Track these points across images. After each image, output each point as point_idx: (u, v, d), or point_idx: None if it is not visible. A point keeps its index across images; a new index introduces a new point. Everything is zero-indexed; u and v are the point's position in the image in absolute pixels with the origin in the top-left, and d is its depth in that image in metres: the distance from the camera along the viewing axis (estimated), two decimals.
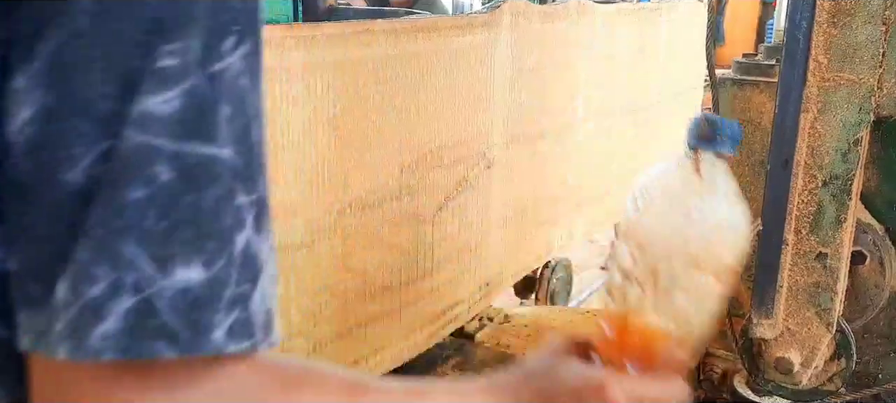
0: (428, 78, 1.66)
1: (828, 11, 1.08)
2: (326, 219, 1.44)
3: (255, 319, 0.47)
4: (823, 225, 1.15)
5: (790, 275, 1.19)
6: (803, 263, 1.19)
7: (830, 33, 1.09)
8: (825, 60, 1.10)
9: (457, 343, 2.16)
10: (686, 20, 3.08)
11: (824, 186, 1.14)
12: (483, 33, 1.83)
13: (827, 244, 1.17)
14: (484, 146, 1.92)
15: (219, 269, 0.45)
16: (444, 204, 1.79)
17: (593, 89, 2.44)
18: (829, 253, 1.17)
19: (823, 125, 1.13)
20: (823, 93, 1.11)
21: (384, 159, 1.56)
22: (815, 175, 1.15)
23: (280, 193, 1.33)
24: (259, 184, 0.52)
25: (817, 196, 1.15)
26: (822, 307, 1.19)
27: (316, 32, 1.34)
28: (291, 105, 1.31)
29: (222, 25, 0.44)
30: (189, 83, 0.43)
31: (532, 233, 2.27)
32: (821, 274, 1.18)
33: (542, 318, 2.45)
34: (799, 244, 1.18)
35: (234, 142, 0.46)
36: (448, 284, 1.88)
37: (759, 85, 1.37)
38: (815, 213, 1.16)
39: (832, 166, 1.13)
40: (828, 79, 1.11)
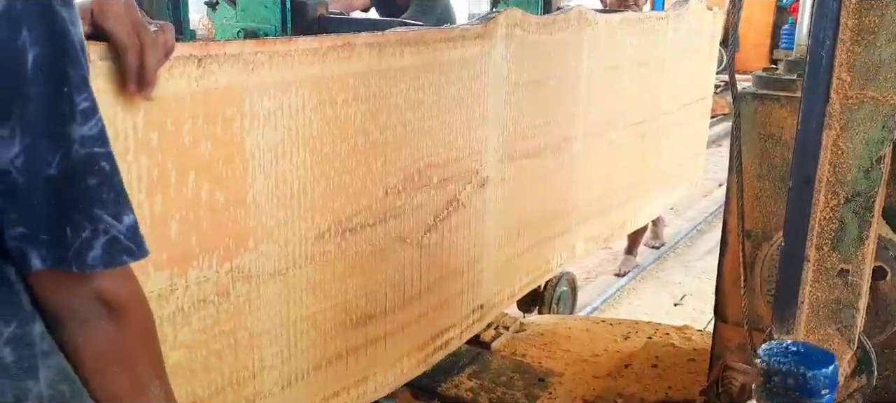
0: (416, 93, 1.56)
1: (851, 29, 1.07)
2: (303, 246, 1.36)
3: None
4: (845, 241, 1.14)
5: (811, 292, 1.18)
6: (825, 279, 1.17)
7: (854, 51, 1.07)
8: (848, 78, 1.09)
9: (473, 351, 2.18)
10: (694, 29, 2.97)
11: (847, 203, 1.13)
12: (476, 46, 1.74)
13: (849, 260, 1.15)
14: (477, 164, 1.82)
15: (134, 211, 0.79)
16: (433, 226, 1.70)
17: (595, 102, 2.35)
18: (850, 270, 1.15)
19: (846, 142, 1.11)
20: (846, 110, 1.10)
21: (367, 181, 1.47)
22: (838, 192, 1.13)
23: (250, 220, 1.24)
24: None
25: (839, 213, 1.14)
26: (843, 323, 1.17)
27: (290, 47, 1.25)
28: (262, 125, 1.23)
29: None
30: (99, 114, 0.75)
31: (530, 252, 2.18)
32: (842, 290, 1.16)
33: (558, 327, 2.45)
34: (821, 260, 1.16)
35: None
36: (438, 309, 1.78)
37: (781, 99, 1.38)
38: (837, 230, 1.15)
39: (855, 183, 1.12)
40: (851, 96, 1.09)
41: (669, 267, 5.38)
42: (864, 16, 1.06)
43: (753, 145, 1.45)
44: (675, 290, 4.86)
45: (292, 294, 1.35)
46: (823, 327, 1.19)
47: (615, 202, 2.65)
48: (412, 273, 1.67)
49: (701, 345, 2.27)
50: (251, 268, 1.26)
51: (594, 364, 2.19)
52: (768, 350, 0.98)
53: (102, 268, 0.75)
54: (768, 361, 0.93)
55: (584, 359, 2.22)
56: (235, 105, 1.18)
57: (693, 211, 6.71)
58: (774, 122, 1.40)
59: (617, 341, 2.35)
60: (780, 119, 1.40)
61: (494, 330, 2.26)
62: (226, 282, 1.22)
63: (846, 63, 1.08)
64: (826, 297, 1.18)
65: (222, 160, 1.17)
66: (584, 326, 2.49)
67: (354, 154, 1.43)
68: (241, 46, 1.17)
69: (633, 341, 2.35)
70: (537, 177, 2.11)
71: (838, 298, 1.17)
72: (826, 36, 1.08)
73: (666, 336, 2.39)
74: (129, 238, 0.77)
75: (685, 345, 2.31)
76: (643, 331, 2.42)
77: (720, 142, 9.98)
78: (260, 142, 1.23)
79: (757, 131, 1.43)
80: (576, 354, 2.25)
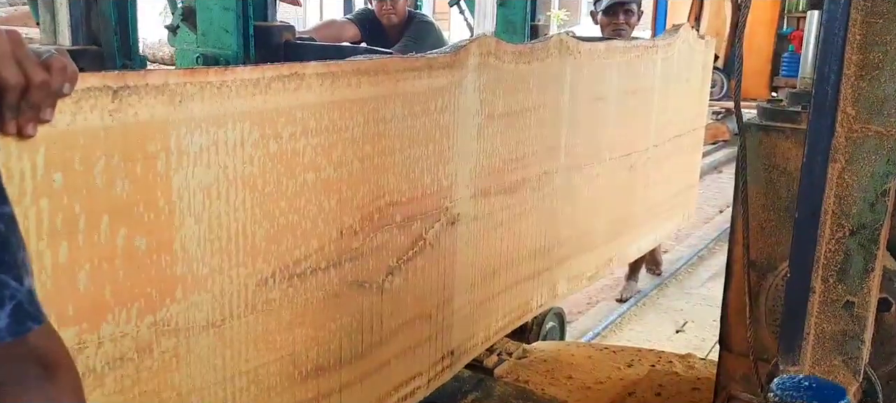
0: (375, 126, 1.45)
1: (856, 64, 1.09)
2: (242, 294, 1.24)
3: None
4: (851, 273, 1.15)
5: (817, 323, 1.19)
6: (830, 311, 1.18)
7: (859, 85, 1.09)
8: (853, 112, 1.10)
9: (476, 378, 2.17)
10: (685, 58, 2.87)
11: (852, 235, 1.14)
12: (445, 76, 1.62)
13: (854, 292, 1.16)
14: (446, 201, 1.71)
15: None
16: (396, 268, 1.58)
17: (579, 133, 2.23)
18: (856, 302, 1.16)
19: (851, 175, 1.13)
20: (852, 144, 1.12)
21: (318, 221, 1.36)
22: (843, 224, 1.15)
23: (178, 267, 1.12)
24: None
25: (845, 245, 1.15)
26: (849, 355, 1.18)
27: (225, 78, 1.14)
28: (192, 163, 1.11)
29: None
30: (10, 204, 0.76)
31: (507, 293, 2.05)
32: (848, 322, 1.17)
33: (561, 353, 2.43)
34: (826, 292, 1.18)
35: None
36: (402, 357, 1.66)
37: (786, 131, 1.40)
38: (842, 262, 1.16)
39: (860, 216, 1.13)
40: (856, 130, 1.11)
41: (671, 293, 5.35)
42: (868, 51, 1.06)
43: (758, 176, 1.46)
44: (677, 317, 4.85)
45: (229, 347, 1.23)
46: (829, 358, 1.19)
47: (601, 238, 2.53)
48: (372, 319, 1.54)
49: (704, 374, 2.25)
50: (179, 321, 1.14)
51: (598, 392, 2.17)
52: (781, 384, 1.00)
53: (11, 339, 0.73)
54: (781, 395, 0.96)
55: (588, 386, 2.20)
56: (159, 141, 1.06)
57: (694, 238, 6.68)
58: (779, 154, 1.42)
59: (620, 368, 2.33)
60: (785, 150, 1.40)
61: (497, 356, 2.27)
62: (148, 337, 1.09)
63: (851, 97, 1.09)
64: (832, 329, 1.18)
65: (143, 202, 1.05)
66: (587, 353, 2.47)
67: (303, 192, 1.32)
68: (166, 77, 1.06)
69: (637, 369, 2.32)
70: (514, 214, 2.00)
71: (844, 330, 1.17)
72: (831, 70, 1.09)
73: (669, 364, 2.37)
74: (30, 303, 0.75)
75: (688, 374, 2.28)
76: (646, 359, 2.40)
77: (721, 169, 9.92)
78: (189, 181, 1.11)
79: (762, 162, 1.44)
80: (579, 381, 2.23)
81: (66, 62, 0.86)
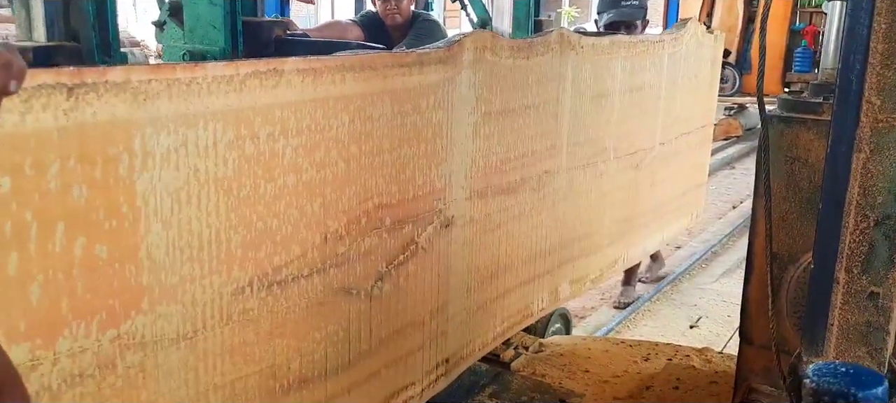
0: (362, 125, 1.38)
1: (881, 53, 1.07)
2: (216, 304, 1.16)
3: None
4: (875, 264, 1.14)
5: (841, 314, 1.18)
6: (855, 302, 1.17)
7: (884, 75, 1.08)
8: (878, 101, 1.09)
9: (492, 371, 2.18)
10: (693, 53, 2.78)
11: (877, 226, 1.13)
12: (437, 72, 1.55)
13: (879, 283, 1.15)
14: (440, 202, 1.63)
15: None
16: (386, 274, 1.51)
17: (581, 131, 2.15)
18: (881, 293, 1.15)
19: (876, 165, 1.12)
20: (876, 133, 1.10)
21: (300, 226, 1.28)
22: (868, 215, 1.13)
23: (144, 277, 1.05)
24: None
25: (869, 235, 1.14)
26: (874, 346, 1.17)
27: (195, 74, 1.06)
28: (159, 165, 1.04)
29: None
30: None
31: (506, 297, 1.98)
32: (873, 313, 1.16)
33: (577, 347, 2.43)
34: (850, 283, 1.17)
35: None
36: (394, 366, 1.59)
37: (807, 122, 1.41)
38: (867, 253, 1.14)
39: (885, 206, 1.13)
40: (881, 120, 1.10)
41: (685, 289, 5.35)
42: (893, 41, 1.05)
43: (779, 168, 1.46)
44: (691, 312, 4.87)
45: (203, 360, 1.16)
46: (853, 349, 1.18)
47: (605, 239, 2.45)
48: (360, 327, 1.47)
49: (722, 368, 2.24)
50: (145, 334, 1.07)
51: (614, 386, 2.15)
52: (817, 371, 1.01)
53: None
54: (818, 382, 0.95)
55: (605, 380, 2.19)
56: (122, 143, 0.99)
57: (708, 233, 6.67)
58: (801, 145, 1.42)
59: (637, 362, 2.31)
60: (807, 142, 1.41)
61: (513, 350, 2.29)
62: (110, 352, 1.02)
63: (876, 87, 1.07)
64: (856, 320, 1.17)
65: (104, 208, 0.98)
66: (604, 347, 2.46)
67: (283, 195, 1.24)
68: (129, 73, 0.98)
69: (653, 363, 2.30)
70: (513, 215, 1.92)
71: (868, 321, 1.16)
72: (856, 60, 1.08)
73: (686, 357, 2.35)
74: None
75: (706, 368, 2.27)
76: (663, 353, 2.38)
77: (733, 164, 9.85)
78: (156, 185, 1.04)
79: (783, 154, 1.45)
80: (596, 375, 2.22)
81: (11, 58, 0.79)
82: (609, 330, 4.39)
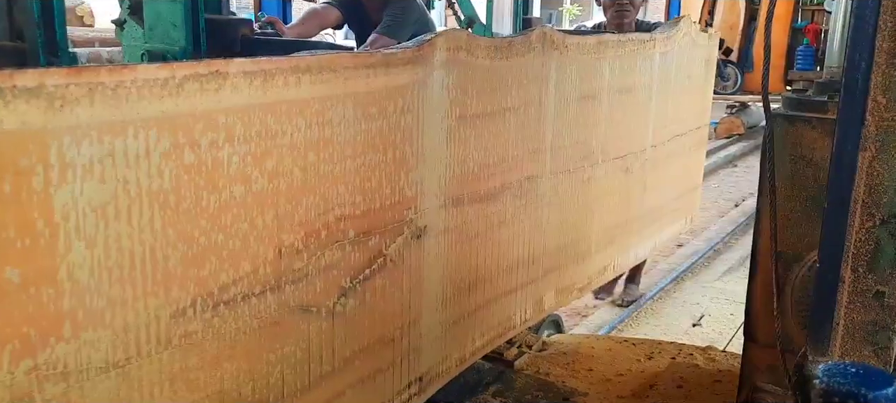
0: (320, 131, 1.28)
1: (886, 52, 1.06)
2: (152, 328, 1.07)
3: None
4: (881, 263, 1.14)
5: (847, 313, 1.17)
6: (860, 301, 1.17)
7: (889, 74, 1.07)
8: (884, 100, 1.08)
9: (496, 370, 2.19)
10: (686, 53, 2.68)
11: (882, 224, 1.13)
12: (406, 73, 1.45)
13: (885, 282, 1.15)
14: (411, 212, 1.53)
15: None
16: (350, 290, 1.41)
17: (566, 134, 2.06)
18: (887, 292, 1.15)
19: (882, 164, 1.11)
20: (882, 132, 1.10)
21: (250, 240, 1.19)
22: (873, 213, 1.13)
23: (65, 301, 0.95)
24: None
25: (875, 234, 1.13)
26: (879, 345, 1.17)
27: (122, 78, 0.97)
28: (80, 178, 0.94)
29: None
30: None
31: (485, 309, 1.88)
32: (878, 312, 1.16)
33: (581, 346, 2.43)
34: (856, 282, 1.16)
35: None
36: (359, 387, 1.49)
37: (812, 121, 1.41)
38: (872, 251, 1.14)
39: (890, 205, 1.12)
40: (886, 118, 1.09)
41: (687, 287, 5.36)
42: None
43: (784, 166, 1.46)
44: (694, 311, 4.89)
45: (137, 390, 1.06)
46: (859, 348, 1.18)
47: (593, 246, 2.35)
48: (321, 347, 1.38)
49: (726, 366, 2.24)
50: (68, 363, 0.97)
51: (618, 385, 2.15)
52: (827, 371, 1.01)
53: None
54: (828, 382, 0.96)
55: (609, 379, 2.19)
56: (35, 154, 0.89)
57: (710, 232, 6.67)
58: (805, 144, 1.43)
59: (640, 361, 2.31)
60: (811, 140, 1.42)
61: (517, 349, 2.30)
62: (26, 385, 0.93)
63: (881, 86, 1.07)
64: (862, 319, 1.17)
65: (14, 226, 0.89)
66: (607, 346, 2.46)
67: (230, 208, 1.15)
68: (42, 77, 0.89)
69: (657, 361, 2.30)
70: (492, 223, 1.82)
71: (874, 320, 1.17)
72: (861, 59, 1.07)
73: (690, 356, 2.35)
74: None
75: (709, 366, 2.26)
76: (666, 351, 2.39)
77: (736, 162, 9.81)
78: (78, 199, 0.95)
79: (787, 152, 1.45)
80: (600, 374, 2.22)
81: None
82: (611, 329, 4.36)
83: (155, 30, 1.73)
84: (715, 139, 10.79)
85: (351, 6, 3.44)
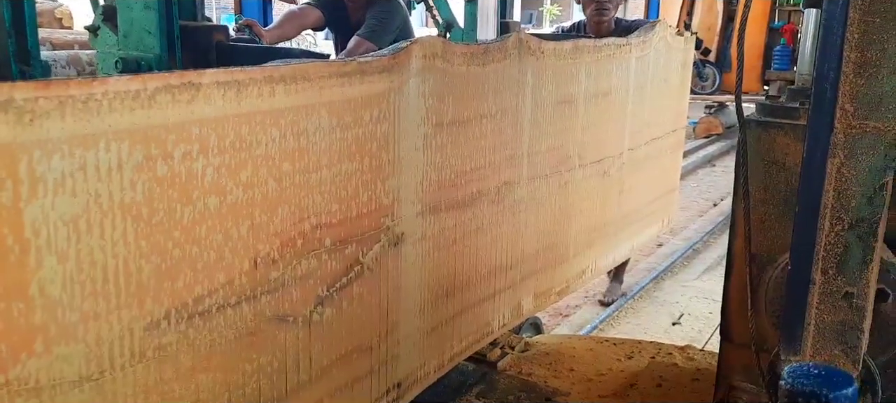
0: (295, 140, 1.28)
1: (854, 62, 1.10)
2: (125, 341, 1.06)
3: None
4: (850, 265, 1.18)
5: (818, 314, 1.21)
6: (830, 302, 1.20)
7: (857, 83, 1.11)
8: (852, 109, 1.12)
9: (480, 371, 2.24)
10: (662, 57, 2.71)
11: (851, 229, 1.17)
12: (382, 81, 1.45)
13: (853, 284, 1.18)
14: (387, 220, 1.54)
15: None
16: (326, 298, 1.41)
17: (543, 140, 2.07)
18: (855, 293, 1.19)
19: (850, 170, 1.15)
20: (850, 139, 1.13)
21: (225, 251, 1.19)
22: (842, 217, 1.17)
23: (36, 316, 0.95)
24: None
25: (844, 238, 1.17)
26: (848, 344, 1.20)
27: (93, 90, 0.96)
28: (51, 192, 0.94)
29: None
30: None
31: (463, 315, 1.89)
32: (847, 312, 1.20)
33: (563, 346, 2.48)
34: (826, 283, 1.20)
35: None
36: (337, 396, 1.49)
37: (784, 127, 1.44)
38: (841, 254, 1.18)
39: (858, 209, 1.16)
40: (854, 126, 1.13)
41: (667, 286, 5.39)
42: (866, 50, 1.08)
43: (758, 171, 1.49)
44: (673, 310, 4.92)
45: (112, 402, 1.06)
46: (829, 348, 1.21)
47: (571, 250, 2.36)
48: (298, 356, 1.37)
49: (704, 365, 2.29)
50: (40, 378, 0.96)
51: (600, 384, 2.20)
52: (791, 372, 1.05)
53: None
54: (792, 382, 1.00)
55: (590, 379, 2.23)
56: (4, 168, 0.89)
57: (689, 231, 6.70)
58: (778, 149, 1.46)
59: (621, 360, 2.36)
60: (784, 146, 1.45)
61: (500, 350, 2.34)
62: None
63: (849, 94, 1.10)
64: (832, 319, 1.20)
65: None
66: (588, 346, 2.50)
67: (204, 219, 1.14)
68: (11, 91, 0.88)
69: (637, 360, 2.35)
70: (469, 230, 1.83)
71: (843, 320, 1.20)
72: (830, 69, 1.11)
73: (669, 355, 2.39)
74: None
75: (688, 365, 2.31)
76: (646, 351, 2.43)
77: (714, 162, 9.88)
78: (48, 213, 0.94)
79: (761, 157, 1.48)
80: (581, 373, 2.26)
81: None
82: (593, 328, 4.39)
83: (129, 37, 1.72)
84: (694, 139, 10.88)
85: (332, 7, 3.42)
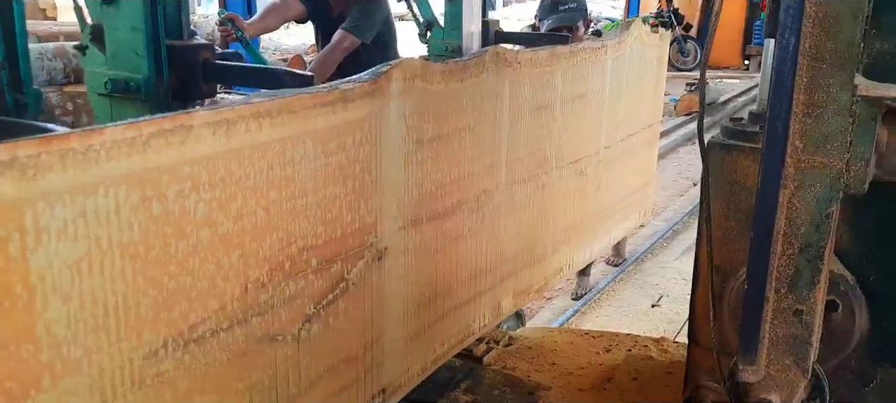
0: (282, 170, 1.34)
1: (803, 104, 1.20)
2: (126, 371, 1.13)
3: None
4: (800, 285, 1.27)
5: (771, 328, 1.30)
6: (782, 318, 1.29)
7: (805, 122, 1.21)
8: (801, 145, 1.22)
9: (467, 366, 2.33)
10: (637, 55, 2.78)
11: (800, 252, 1.26)
12: (364, 106, 1.52)
13: (803, 302, 1.28)
14: (371, 236, 1.61)
15: None
16: (314, 315, 1.48)
17: (521, 146, 2.14)
18: (805, 310, 1.28)
19: (799, 200, 1.24)
20: (799, 173, 1.23)
21: (217, 279, 1.25)
22: (793, 242, 1.26)
23: (43, 355, 1.01)
24: None
25: (795, 260, 1.26)
26: (799, 356, 1.31)
27: (91, 141, 1.02)
28: (55, 240, 1.00)
29: None
30: None
31: (445, 320, 1.96)
32: (798, 327, 1.29)
33: (545, 340, 2.58)
34: (779, 301, 1.29)
35: None
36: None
37: (745, 149, 1.54)
38: (792, 276, 1.27)
39: (807, 235, 1.25)
40: (803, 161, 1.22)
41: (647, 268, 5.47)
42: (813, 92, 1.19)
43: (721, 189, 1.58)
44: (653, 292, 5.00)
45: None
46: (782, 359, 1.32)
47: (549, 248, 2.44)
48: (288, 372, 1.45)
49: (677, 358, 2.41)
50: None
51: (579, 377, 2.31)
52: None
53: None
54: None
55: (570, 372, 2.34)
56: (11, 223, 0.95)
57: (669, 212, 6.76)
58: (740, 170, 1.55)
59: (599, 354, 2.49)
60: (745, 167, 1.54)
61: (486, 345, 2.44)
62: None
63: (799, 132, 1.21)
64: (784, 333, 1.30)
65: None
66: (569, 339, 2.63)
67: (197, 252, 1.21)
68: (15, 150, 0.94)
69: (614, 354, 2.48)
70: (450, 238, 1.90)
71: (794, 334, 1.30)
72: (782, 109, 1.21)
73: (644, 348, 2.53)
74: None
75: (663, 358, 2.45)
76: (623, 344, 2.56)
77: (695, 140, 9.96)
78: (53, 260, 1.00)
79: (725, 177, 1.58)
80: (562, 367, 2.37)
81: None
82: (574, 313, 4.49)
83: (117, 57, 1.76)
84: (675, 116, 10.97)
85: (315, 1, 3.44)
